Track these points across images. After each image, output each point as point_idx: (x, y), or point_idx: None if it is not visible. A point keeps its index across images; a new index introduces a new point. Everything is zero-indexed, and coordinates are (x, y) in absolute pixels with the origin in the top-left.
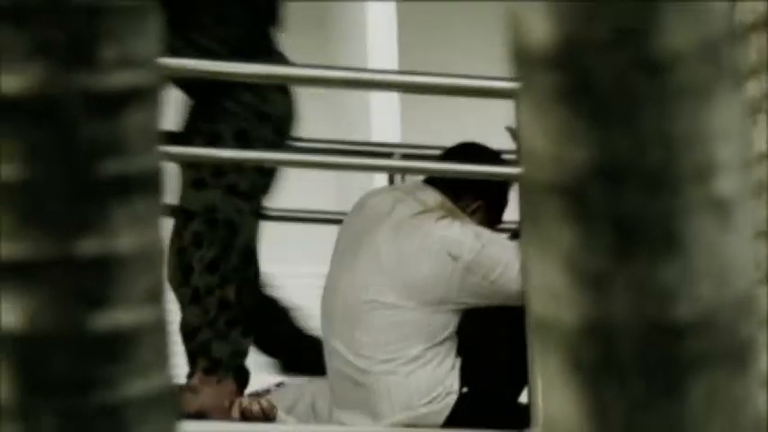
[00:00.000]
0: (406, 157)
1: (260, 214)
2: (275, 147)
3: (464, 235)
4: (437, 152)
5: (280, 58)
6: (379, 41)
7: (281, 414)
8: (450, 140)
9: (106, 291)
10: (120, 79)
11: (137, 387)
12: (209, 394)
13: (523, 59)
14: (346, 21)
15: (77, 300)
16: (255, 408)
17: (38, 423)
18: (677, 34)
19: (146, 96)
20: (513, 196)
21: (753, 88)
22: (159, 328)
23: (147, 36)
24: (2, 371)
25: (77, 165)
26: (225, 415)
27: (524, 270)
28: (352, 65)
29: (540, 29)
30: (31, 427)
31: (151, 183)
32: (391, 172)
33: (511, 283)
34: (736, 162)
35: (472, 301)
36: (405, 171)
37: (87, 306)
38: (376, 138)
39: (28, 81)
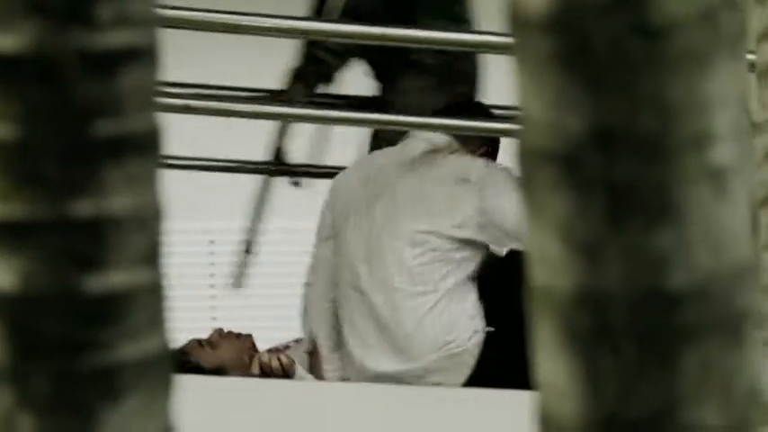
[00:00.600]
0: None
1: None
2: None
3: (473, 162)
4: None
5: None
6: None
7: (300, 370)
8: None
9: (100, 252)
10: (117, 38)
11: (131, 350)
12: (228, 349)
13: (520, 23)
14: None
15: (71, 261)
16: (275, 363)
17: (30, 385)
18: (675, 0)
19: (143, 56)
20: None
21: (766, 52)
22: (155, 290)
23: None
24: None
25: (72, 125)
26: (244, 370)
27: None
28: None
29: None
30: (23, 388)
31: (147, 143)
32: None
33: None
34: (733, 131)
35: (488, 234)
36: (433, 128)
37: (81, 267)
38: None
39: (22, 40)
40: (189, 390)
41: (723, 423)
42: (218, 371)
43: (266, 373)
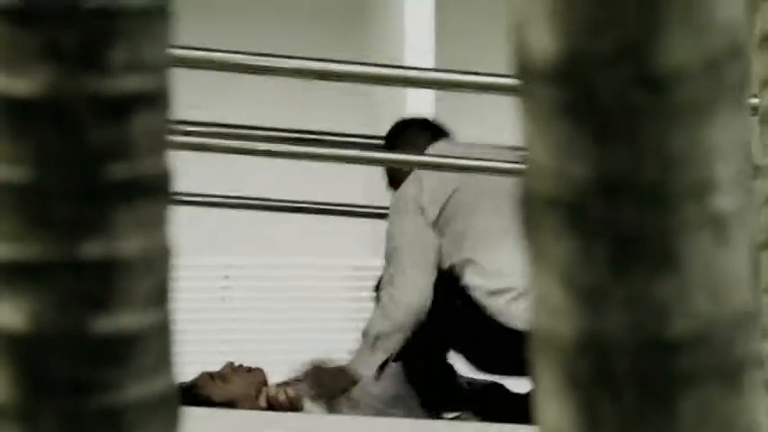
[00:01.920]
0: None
1: None
2: None
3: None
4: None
5: None
6: (416, 36)
7: (307, 404)
8: (486, 136)
9: (109, 294)
10: (130, 83)
11: (139, 390)
12: (239, 383)
13: (526, 72)
14: (384, 15)
15: (80, 302)
16: (282, 397)
17: (38, 425)
18: (680, 51)
19: (154, 100)
20: None
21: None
22: (163, 331)
23: (158, 40)
24: (4, 371)
25: (84, 168)
26: (252, 404)
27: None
28: (389, 60)
29: (544, 42)
30: (32, 428)
31: (158, 186)
32: (422, 167)
33: None
34: (735, 179)
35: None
36: (437, 167)
37: (90, 308)
38: None
39: (37, 83)
40: (197, 422)
41: None
42: (229, 404)
43: (273, 406)
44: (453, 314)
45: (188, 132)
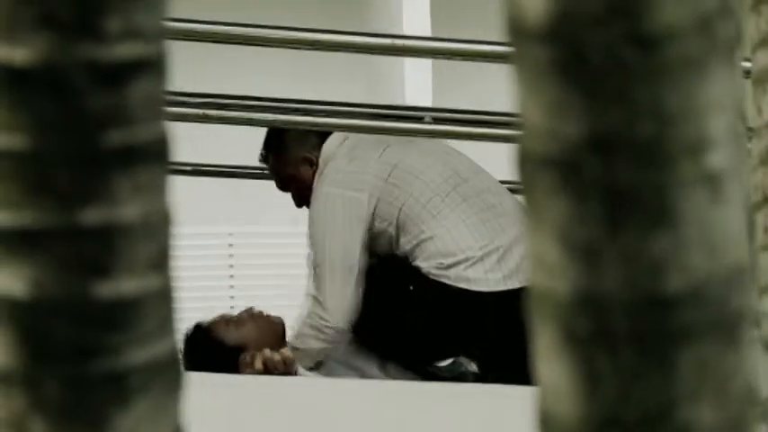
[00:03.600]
0: (437, 120)
1: None
2: None
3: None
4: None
5: None
6: (412, 12)
7: (300, 369)
8: (482, 104)
9: (110, 259)
10: (126, 51)
11: (140, 355)
12: (253, 329)
13: (518, 33)
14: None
15: (81, 268)
16: (276, 357)
17: (41, 389)
18: (670, 9)
19: (151, 67)
20: None
21: (763, 58)
22: (163, 296)
23: (153, 8)
24: (6, 338)
25: (82, 135)
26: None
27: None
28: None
29: (535, 2)
30: (35, 393)
31: (156, 152)
32: (423, 136)
33: None
34: (728, 136)
35: None
36: (434, 135)
37: (91, 274)
38: (410, 102)
39: (33, 52)
40: (198, 388)
41: (720, 422)
42: (240, 349)
43: (268, 368)
44: (409, 298)
45: (187, 103)
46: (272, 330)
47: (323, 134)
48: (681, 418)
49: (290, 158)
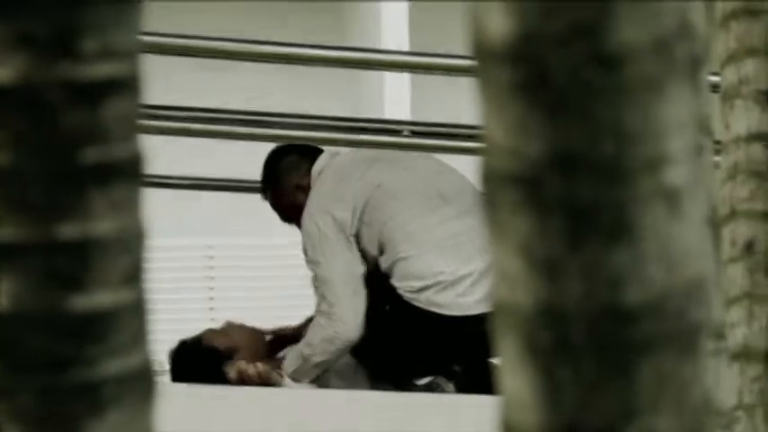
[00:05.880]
0: (415, 134)
1: None
2: None
3: None
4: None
5: None
6: (391, 24)
7: (285, 380)
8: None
9: (85, 273)
10: (101, 70)
11: (113, 366)
12: (238, 334)
13: (482, 53)
14: (361, 11)
15: (57, 282)
16: (252, 371)
17: (17, 399)
18: (630, 30)
19: (126, 86)
20: None
21: (731, 74)
22: (137, 309)
23: (128, 27)
24: None
25: (59, 152)
26: (253, 355)
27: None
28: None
29: (499, 23)
30: (11, 403)
31: (131, 169)
32: (400, 149)
33: None
34: (687, 153)
35: None
36: (413, 148)
37: (66, 288)
38: (389, 115)
39: (11, 71)
40: (171, 398)
41: (678, 430)
42: (232, 351)
43: (244, 380)
44: (384, 317)
45: (165, 117)
46: (255, 336)
47: (313, 159)
48: (640, 427)
49: (285, 189)
